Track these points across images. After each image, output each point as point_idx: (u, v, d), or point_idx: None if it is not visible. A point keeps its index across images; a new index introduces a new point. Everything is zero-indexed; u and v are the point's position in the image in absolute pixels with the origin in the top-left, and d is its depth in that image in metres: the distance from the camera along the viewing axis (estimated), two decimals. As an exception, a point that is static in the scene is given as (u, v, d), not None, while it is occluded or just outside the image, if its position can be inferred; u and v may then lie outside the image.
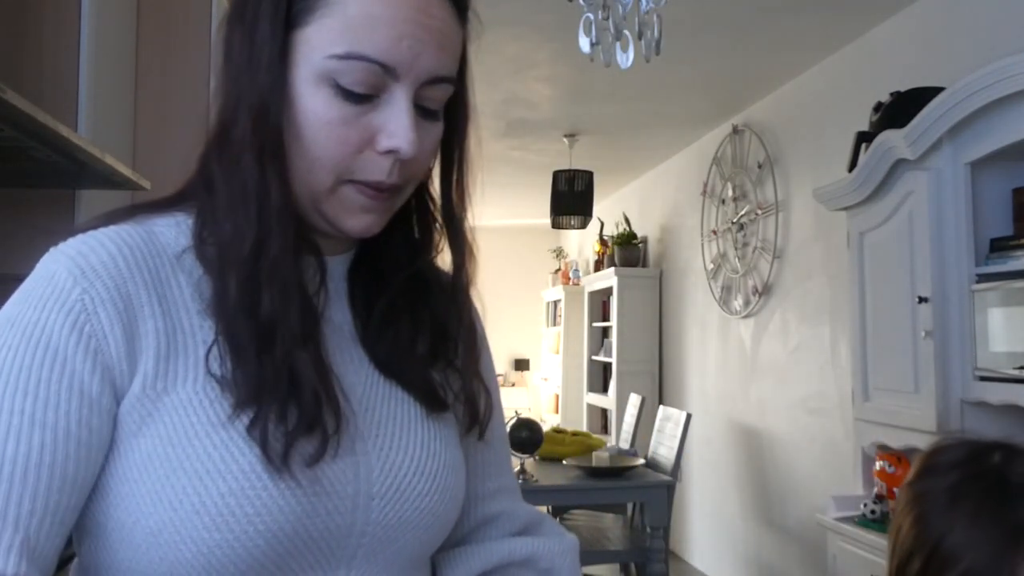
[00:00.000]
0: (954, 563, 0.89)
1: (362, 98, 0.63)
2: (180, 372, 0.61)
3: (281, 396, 0.61)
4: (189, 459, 0.59)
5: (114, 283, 0.61)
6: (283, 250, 0.63)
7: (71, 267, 0.61)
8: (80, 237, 0.63)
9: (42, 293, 0.60)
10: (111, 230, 0.64)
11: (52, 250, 0.63)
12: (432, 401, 0.72)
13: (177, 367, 0.62)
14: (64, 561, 0.62)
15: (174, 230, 0.66)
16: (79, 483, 0.58)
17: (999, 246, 2.14)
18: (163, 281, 0.63)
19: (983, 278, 2.15)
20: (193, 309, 0.63)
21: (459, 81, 0.69)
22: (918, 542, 0.93)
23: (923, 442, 2.29)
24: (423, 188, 0.74)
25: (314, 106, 0.62)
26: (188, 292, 0.64)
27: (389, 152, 0.64)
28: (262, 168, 0.62)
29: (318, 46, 0.62)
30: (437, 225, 0.75)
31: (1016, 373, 1.99)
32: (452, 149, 0.72)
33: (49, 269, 0.61)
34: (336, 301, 0.71)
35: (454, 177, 0.73)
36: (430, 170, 0.73)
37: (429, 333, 0.74)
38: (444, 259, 0.75)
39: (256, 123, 0.62)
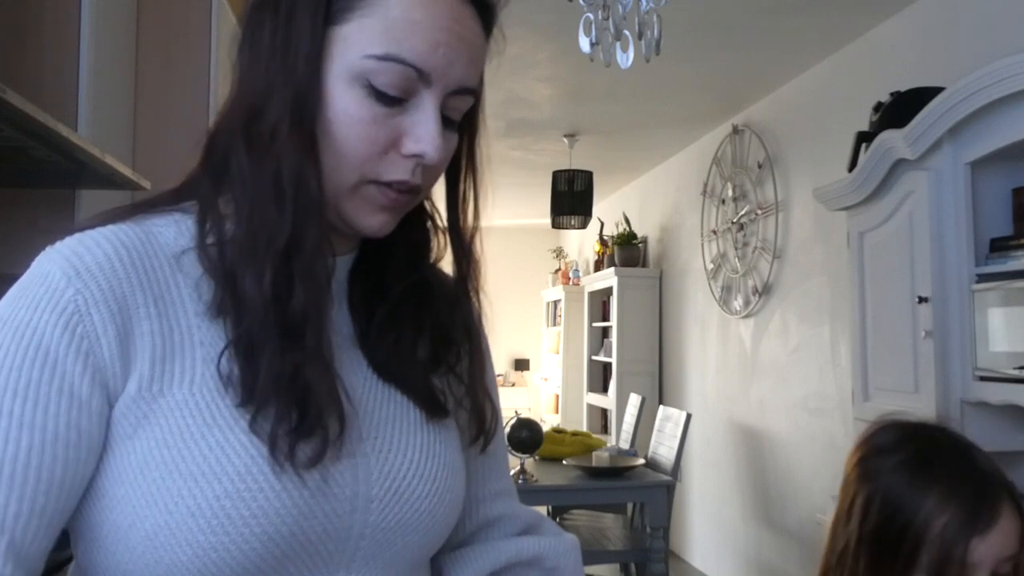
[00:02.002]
0: (938, 517, 0.98)
1: (393, 100, 0.63)
2: (177, 374, 0.61)
3: (292, 396, 0.60)
4: (185, 461, 0.59)
5: (109, 284, 0.60)
6: (318, 244, 0.62)
7: (65, 267, 0.60)
8: (76, 236, 0.62)
9: (35, 293, 0.60)
10: (108, 229, 0.63)
11: (48, 249, 0.62)
12: (432, 406, 0.72)
13: (174, 369, 0.61)
14: (63, 562, 0.62)
15: (173, 230, 0.66)
16: (67, 486, 0.58)
17: (999, 246, 2.14)
18: (160, 282, 0.63)
19: (983, 278, 2.15)
20: (191, 310, 0.63)
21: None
22: (895, 513, 1.00)
23: (923, 442, 2.29)
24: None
25: (345, 104, 0.62)
26: (186, 293, 0.63)
27: (413, 156, 0.64)
28: (302, 161, 0.62)
29: (356, 45, 0.62)
30: (438, 231, 0.75)
31: (1016, 373, 1.99)
32: (460, 160, 0.72)
33: (43, 269, 0.61)
34: (337, 303, 0.71)
35: (460, 189, 0.73)
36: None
37: (430, 338, 0.73)
38: (446, 262, 0.75)
39: (294, 117, 0.62)
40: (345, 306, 0.72)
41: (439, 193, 0.74)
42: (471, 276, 0.74)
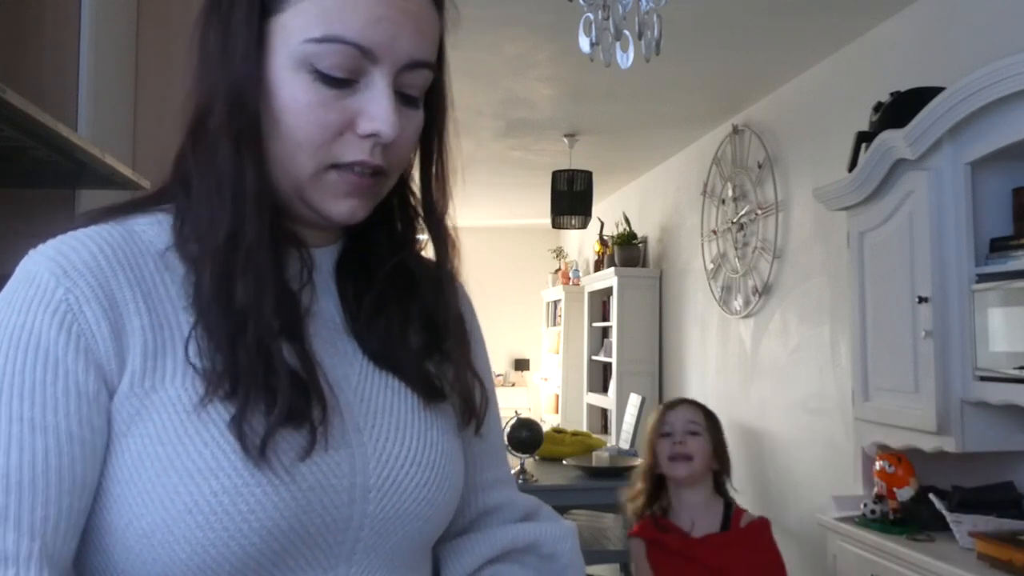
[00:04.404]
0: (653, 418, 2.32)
1: (341, 82, 0.63)
2: (168, 369, 0.61)
3: (257, 387, 0.60)
4: (180, 457, 0.58)
5: (97, 281, 0.60)
6: (258, 238, 0.62)
7: (52, 267, 0.60)
8: (59, 238, 0.62)
9: (25, 295, 0.59)
10: (90, 230, 0.63)
11: (31, 252, 0.62)
12: (429, 391, 0.72)
13: (165, 364, 0.61)
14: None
15: (156, 228, 0.66)
16: (88, 484, 0.58)
17: (999, 246, 2.14)
18: (147, 279, 0.63)
19: (983, 278, 2.15)
20: (179, 306, 0.63)
21: (437, 70, 0.69)
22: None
23: (923, 442, 2.29)
24: (403, 181, 0.74)
25: (293, 92, 0.62)
26: (174, 289, 0.63)
27: (370, 136, 0.64)
28: (238, 155, 0.62)
29: (295, 31, 0.62)
30: (419, 218, 0.75)
31: (1016, 373, 1.99)
32: (431, 140, 0.72)
33: (30, 271, 0.60)
34: (324, 294, 0.71)
35: (433, 169, 0.73)
36: (411, 162, 0.73)
37: (420, 325, 0.73)
38: (431, 253, 0.76)
39: (232, 110, 0.62)
40: (335, 297, 0.72)
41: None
42: (447, 256, 0.74)
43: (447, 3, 0.70)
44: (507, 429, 3.46)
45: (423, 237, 0.76)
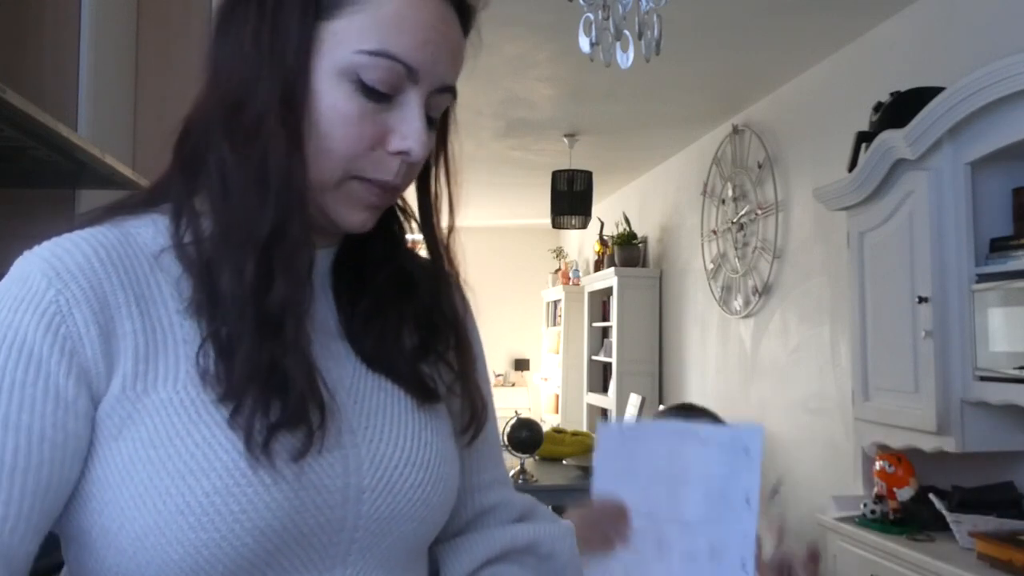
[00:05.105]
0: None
1: (381, 96, 0.63)
2: (161, 372, 0.60)
3: (271, 388, 0.60)
4: (171, 459, 0.58)
5: (89, 284, 0.60)
6: (301, 236, 0.62)
7: (45, 268, 0.60)
8: (54, 239, 0.62)
9: (16, 295, 0.59)
10: (85, 232, 0.63)
11: (26, 253, 0.62)
12: (422, 392, 0.72)
13: (157, 367, 0.60)
14: (54, 568, 0.61)
15: (151, 230, 0.66)
16: (54, 487, 0.58)
17: (999, 246, 2.14)
18: (141, 281, 0.62)
19: (983, 278, 2.15)
20: (172, 308, 0.63)
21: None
22: None
23: (923, 442, 2.29)
24: None
25: (334, 99, 0.63)
26: (167, 291, 0.63)
27: (399, 153, 0.65)
28: (290, 151, 0.62)
29: (346, 40, 0.62)
30: (409, 219, 0.76)
31: (1016, 373, 1.99)
32: (429, 158, 0.73)
33: (23, 271, 0.60)
34: (319, 296, 0.71)
35: (432, 188, 0.74)
36: None
37: (416, 327, 0.74)
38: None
39: (283, 107, 0.62)
40: (330, 299, 0.72)
41: (410, 189, 0.75)
42: (444, 266, 0.75)
43: (473, 34, 0.71)
44: (507, 429, 3.46)
45: (413, 237, 0.77)
